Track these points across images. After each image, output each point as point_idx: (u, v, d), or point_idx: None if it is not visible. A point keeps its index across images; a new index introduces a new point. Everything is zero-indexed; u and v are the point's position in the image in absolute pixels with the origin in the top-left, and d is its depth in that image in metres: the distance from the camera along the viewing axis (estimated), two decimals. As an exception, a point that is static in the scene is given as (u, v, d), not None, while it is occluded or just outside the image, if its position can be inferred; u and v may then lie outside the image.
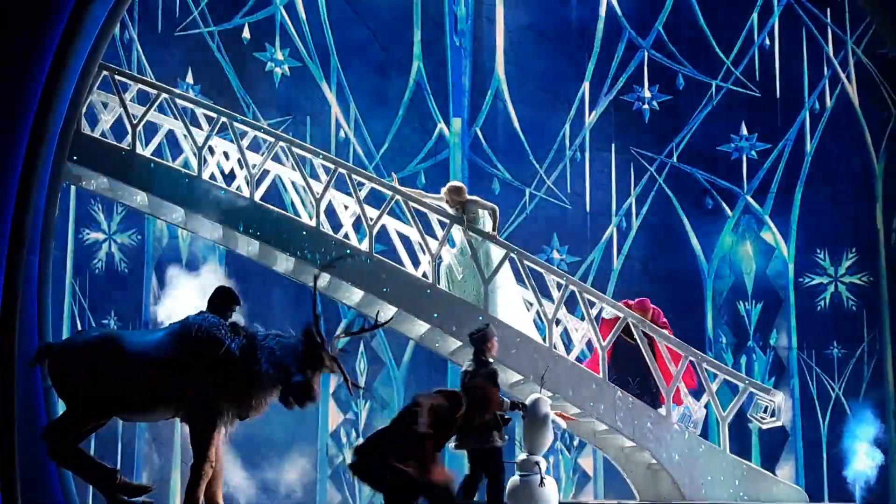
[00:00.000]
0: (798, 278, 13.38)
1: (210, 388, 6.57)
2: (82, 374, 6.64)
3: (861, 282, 13.33)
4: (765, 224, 13.55)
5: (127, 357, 6.65)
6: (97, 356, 6.66)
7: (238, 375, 6.61)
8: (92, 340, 6.75)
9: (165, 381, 6.62)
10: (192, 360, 6.59)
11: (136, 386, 6.66)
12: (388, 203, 9.83)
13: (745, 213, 13.59)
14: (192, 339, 6.60)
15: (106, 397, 6.67)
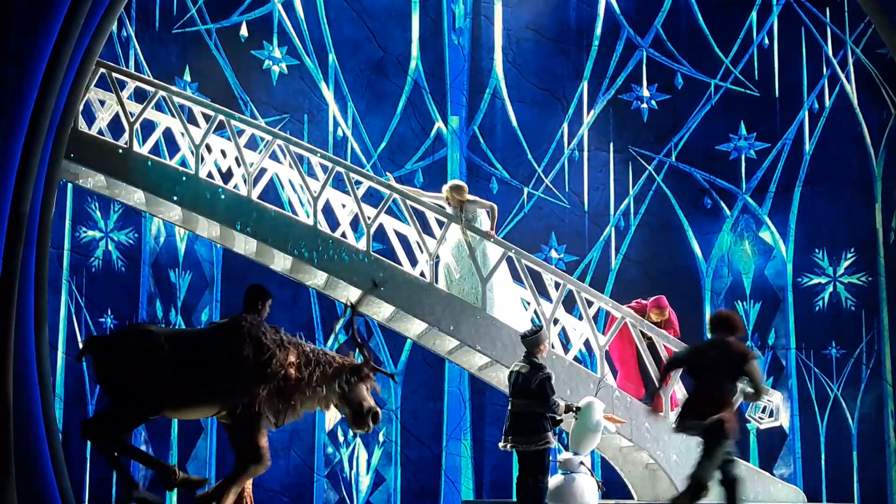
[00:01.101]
0: (796, 278, 13.36)
1: (253, 391, 6.62)
2: (125, 369, 6.65)
3: (860, 282, 13.31)
4: (763, 224, 13.53)
5: (170, 353, 6.67)
6: (141, 351, 6.66)
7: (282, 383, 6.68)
8: (136, 335, 6.76)
9: (208, 380, 6.67)
10: (236, 362, 6.64)
11: (179, 383, 6.68)
12: (385, 202, 9.81)
13: (744, 213, 13.57)
14: (238, 342, 6.65)
15: (147, 393, 6.65)
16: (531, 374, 7.65)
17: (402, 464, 12.87)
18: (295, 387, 6.73)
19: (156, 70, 12.65)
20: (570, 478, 7.99)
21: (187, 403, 6.78)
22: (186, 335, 6.96)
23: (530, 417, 7.61)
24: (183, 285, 12.75)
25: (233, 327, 6.76)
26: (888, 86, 13.43)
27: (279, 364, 6.67)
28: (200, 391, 6.69)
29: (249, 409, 6.64)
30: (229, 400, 6.66)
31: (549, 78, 13.71)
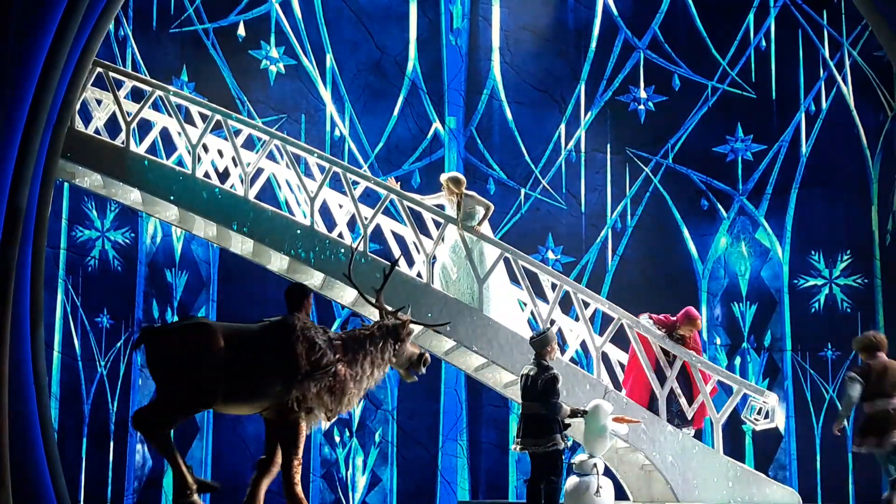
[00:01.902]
0: (793, 280, 13.38)
1: (304, 388, 6.77)
2: (181, 362, 6.69)
3: (856, 284, 13.33)
4: (760, 225, 13.54)
5: (222, 348, 6.71)
6: (193, 345, 6.70)
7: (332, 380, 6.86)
8: (193, 328, 6.79)
9: (261, 378, 6.77)
10: (289, 360, 6.77)
11: (232, 378, 6.75)
12: (382, 202, 9.80)
13: (741, 215, 13.59)
14: (290, 341, 6.80)
15: (201, 387, 6.71)
16: (538, 376, 7.65)
17: (399, 464, 12.87)
18: (346, 382, 6.92)
19: (153, 70, 12.65)
20: (584, 480, 8.03)
21: (238, 399, 6.88)
22: (240, 332, 6.96)
23: (539, 419, 7.67)
24: (179, 285, 12.74)
25: (285, 326, 6.89)
26: (885, 88, 13.46)
27: (329, 363, 6.84)
28: (253, 387, 6.81)
29: (300, 407, 6.80)
30: (281, 397, 6.79)
31: (547, 79, 13.72)
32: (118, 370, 12.30)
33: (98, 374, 12.25)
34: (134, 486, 12.18)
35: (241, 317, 12.65)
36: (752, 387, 9.48)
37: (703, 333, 13.37)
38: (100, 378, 12.26)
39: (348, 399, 6.98)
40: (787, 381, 13.24)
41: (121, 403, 12.25)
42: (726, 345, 13.42)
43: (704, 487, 8.91)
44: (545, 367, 7.79)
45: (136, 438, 12.27)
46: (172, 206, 9.74)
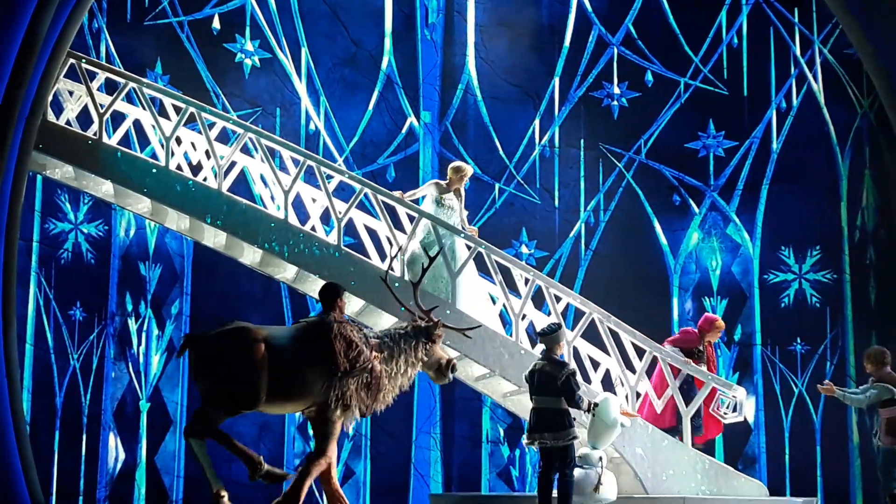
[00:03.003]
0: (763, 275, 13.52)
1: (344, 386, 6.96)
2: (226, 365, 6.86)
3: (825, 279, 13.49)
4: (731, 221, 13.68)
5: (265, 350, 6.89)
6: (237, 349, 6.87)
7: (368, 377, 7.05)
8: (232, 333, 6.97)
9: (303, 377, 6.94)
10: (329, 360, 6.96)
11: (275, 379, 6.89)
12: (356, 196, 9.82)
13: (712, 210, 13.72)
14: (329, 340, 6.98)
15: (244, 389, 6.85)
16: (557, 371, 7.74)
17: (372, 457, 12.91)
18: (381, 379, 7.12)
19: (127, 62, 12.59)
20: (589, 472, 8.12)
21: (281, 398, 7.03)
22: (279, 333, 7.14)
23: (558, 413, 7.72)
24: (153, 278, 12.72)
25: (323, 326, 7.07)
26: (855, 86, 13.62)
27: (367, 360, 7.04)
28: (295, 387, 6.97)
29: (339, 404, 6.97)
30: (321, 395, 6.96)
31: (521, 74, 13.78)
32: (91, 363, 12.26)
33: (71, 367, 12.21)
34: (106, 480, 12.16)
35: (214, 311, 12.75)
36: (720, 381, 9.58)
37: (675, 328, 13.51)
38: (72, 371, 12.22)
39: (383, 395, 7.19)
40: (757, 375, 13.38)
41: (93, 396, 12.22)
42: (697, 339, 13.52)
43: (673, 480, 9.01)
44: (560, 362, 7.90)
45: (108, 431, 12.25)
46: (145, 198, 9.72)
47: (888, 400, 8.79)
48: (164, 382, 12.54)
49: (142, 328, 12.59)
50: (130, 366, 12.46)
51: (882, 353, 9.06)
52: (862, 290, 13.40)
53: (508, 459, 13.22)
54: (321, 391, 6.95)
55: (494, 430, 13.24)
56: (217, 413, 6.92)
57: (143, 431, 12.40)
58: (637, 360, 9.37)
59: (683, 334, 9.72)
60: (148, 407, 12.44)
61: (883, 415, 8.89)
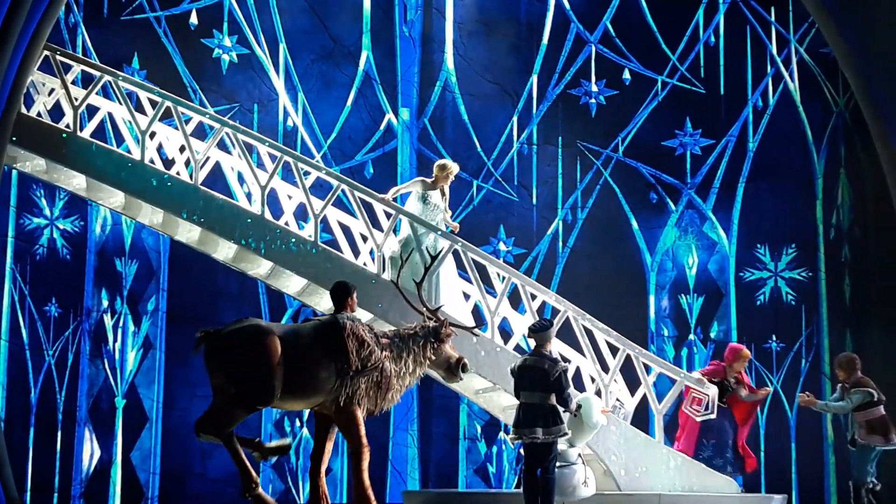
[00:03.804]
0: (739, 273, 13.60)
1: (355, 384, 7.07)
2: (238, 363, 6.91)
3: (800, 277, 13.57)
4: (707, 219, 13.74)
5: (279, 348, 6.94)
6: (253, 346, 6.90)
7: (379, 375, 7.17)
8: (247, 331, 6.99)
9: (315, 375, 7.01)
10: (340, 359, 7.06)
11: (288, 377, 6.95)
12: (333, 192, 9.80)
13: (689, 208, 13.78)
14: (341, 339, 7.07)
15: (259, 386, 6.90)
16: (550, 368, 7.73)
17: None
18: (391, 378, 7.22)
19: (104, 57, 12.51)
20: (568, 470, 8.12)
21: (295, 395, 7.10)
22: (293, 332, 7.21)
23: (548, 409, 7.73)
24: (129, 274, 12.66)
25: (335, 325, 7.14)
26: (830, 85, 13.70)
27: (378, 359, 7.13)
28: (309, 384, 7.05)
29: (349, 402, 7.08)
30: (333, 393, 7.06)
31: (499, 72, 13.80)
32: (66, 359, 12.20)
33: (46, 364, 12.14)
34: (81, 476, 12.11)
35: (190, 306, 12.72)
36: (692, 379, 9.63)
37: (651, 325, 13.57)
38: (47, 367, 12.15)
39: (392, 395, 7.31)
40: (733, 373, 13.44)
41: (68, 393, 12.15)
42: (673, 336, 13.60)
43: (646, 476, 9.04)
44: (552, 358, 7.89)
45: (83, 428, 12.19)
46: (117, 192, 9.65)
47: (866, 403, 9.00)
48: (140, 379, 12.49)
49: (117, 324, 12.54)
50: (106, 362, 12.41)
51: (853, 359, 9.28)
52: (837, 289, 13.50)
53: (486, 456, 13.24)
54: (333, 389, 7.04)
55: (472, 428, 13.26)
56: (235, 411, 6.97)
57: (118, 428, 12.34)
58: (611, 359, 9.40)
59: (712, 366, 9.72)
60: (124, 404, 12.39)
61: (860, 417, 9.10)
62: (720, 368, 9.63)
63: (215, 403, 7.07)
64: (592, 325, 9.49)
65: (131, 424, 12.39)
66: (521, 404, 7.86)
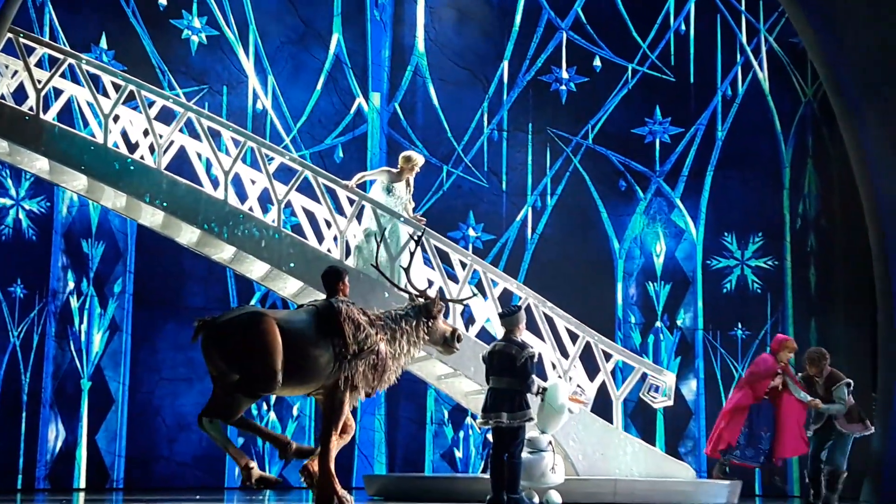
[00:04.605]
0: (706, 260, 13.67)
1: (353, 368, 7.08)
2: (237, 351, 6.88)
3: (766, 265, 13.66)
4: (675, 207, 13.80)
5: (278, 335, 6.93)
6: (252, 334, 6.89)
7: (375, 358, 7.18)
8: (246, 318, 6.96)
9: (313, 361, 7.01)
10: (337, 343, 7.07)
11: (287, 363, 6.94)
12: (297, 178, 9.79)
13: (657, 196, 13.83)
14: (337, 324, 7.07)
15: (261, 373, 6.88)
16: (517, 353, 7.80)
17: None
18: (387, 360, 7.26)
19: (72, 37, 12.42)
20: (537, 456, 8.17)
21: (295, 382, 7.08)
22: (291, 318, 7.18)
23: (513, 394, 7.78)
24: (95, 256, 12.60)
25: (331, 310, 7.15)
26: (799, 75, 13.76)
27: (374, 342, 7.15)
28: (308, 370, 7.04)
29: (347, 385, 7.08)
30: (331, 377, 7.06)
31: (470, 57, 13.78)
32: (31, 341, 12.14)
33: (11, 345, 12.09)
34: (46, 458, 12.08)
35: (158, 289, 12.69)
36: (651, 366, 9.70)
37: (619, 312, 13.64)
38: (12, 349, 12.10)
39: (388, 376, 7.32)
40: (699, 360, 13.55)
41: (34, 374, 12.11)
42: (640, 323, 13.68)
43: (604, 462, 9.12)
44: (521, 343, 7.93)
45: (48, 410, 12.16)
46: (81, 175, 9.61)
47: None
48: (106, 361, 12.46)
49: (84, 306, 12.49)
50: (72, 344, 12.37)
51: (823, 354, 9.11)
52: (802, 277, 13.60)
53: (452, 441, 13.30)
54: (331, 373, 7.06)
55: (439, 413, 13.31)
56: (238, 399, 6.92)
57: (83, 410, 12.32)
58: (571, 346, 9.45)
59: (762, 363, 9.31)
60: (89, 386, 12.36)
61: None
62: (770, 362, 9.26)
63: (217, 392, 7.06)
64: (553, 312, 9.53)
65: (97, 407, 12.37)
66: (489, 389, 7.93)
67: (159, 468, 12.47)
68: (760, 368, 9.18)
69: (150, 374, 12.57)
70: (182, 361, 12.46)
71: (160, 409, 12.57)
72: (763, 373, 9.12)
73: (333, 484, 7.05)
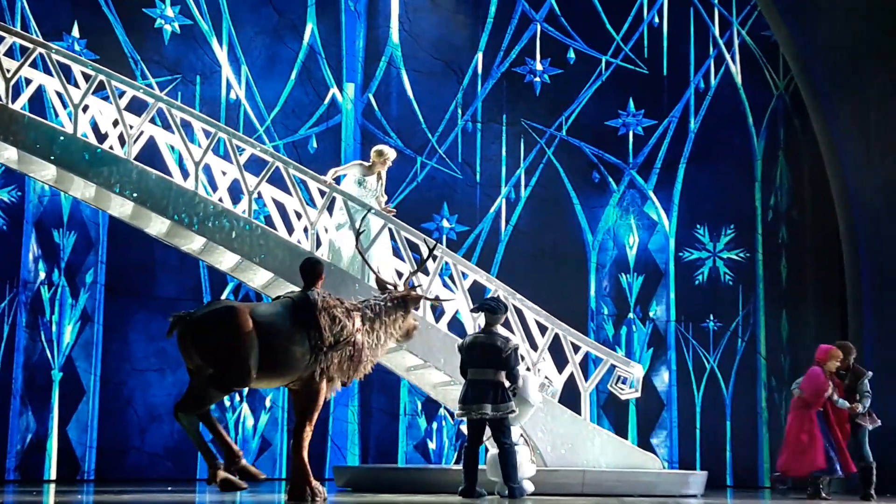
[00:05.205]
0: (678, 252, 13.74)
1: (329, 360, 7.06)
2: (213, 346, 6.86)
3: (738, 257, 13.74)
4: (648, 199, 13.85)
5: (253, 329, 6.91)
6: (227, 329, 6.87)
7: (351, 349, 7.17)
8: (221, 313, 6.94)
9: (289, 353, 6.98)
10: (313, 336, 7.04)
11: (263, 357, 6.92)
12: (268, 169, 9.76)
13: (630, 188, 13.88)
14: (313, 316, 7.06)
15: (237, 368, 6.86)
16: (503, 345, 7.83)
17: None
18: (363, 350, 7.26)
19: (43, 26, 12.33)
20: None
21: (272, 375, 7.06)
22: (266, 310, 7.15)
23: (496, 385, 7.81)
24: (67, 246, 12.54)
25: (307, 302, 7.14)
26: (771, 68, 13.83)
27: (349, 333, 7.12)
28: (284, 363, 7.02)
29: (322, 377, 7.07)
30: (308, 370, 7.04)
31: (445, 48, 13.78)
32: (2, 331, 12.06)
33: (-19, 336, 12.02)
34: (17, 449, 12.03)
35: (130, 280, 12.64)
36: (619, 358, 9.75)
37: (592, 303, 13.68)
38: (-17, 339, 12.03)
39: (364, 366, 7.32)
40: (671, 351, 13.63)
41: (4, 365, 12.02)
42: (613, 315, 13.74)
43: (572, 453, 9.16)
44: (504, 336, 7.95)
45: (19, 401, 12.10)
46: (49, 165, 9.53)
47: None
48: (78, 352, 12.41)
49: (55, 296, 12.43)
50: (43, 334, 12.30)
51: (849, 347, 9.32)
52: (773, 269, 13.70)
53: (426, 432, 13.33)
54: (307, 366, 7.04)
55: (412, 404, 13.34)
56: (209, 392, 6.92)
57: (54, 401, 12.26)
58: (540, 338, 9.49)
59: (814, 379, 9.15)
60: (60, 376, 12.30)
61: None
62: (818, 373, 9.16)
63: (194, 385, 7.06)
64: (522, 304, 9.56)
65: (68, 397, 12.32)
66: (469, 381, 7.92)
67: (131, 459, 12.44)
68: (814, 384, 9.12)
69: (122, 364, 12.52)
70: (154, 352, 12.43)
71: (132, 399, 12.53)
72: (818, 388, 9.08)
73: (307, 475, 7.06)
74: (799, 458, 9.02)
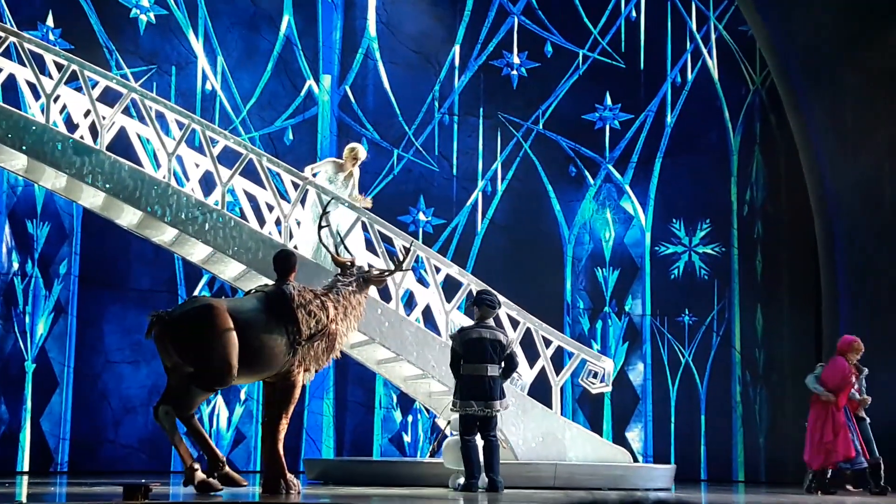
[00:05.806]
0: (654, 247, 13.77)
1: (306, 351, 7.11)
2: (192, 345, 6.84)
3: (713, 252, 13.78)
4: (625, 193, 13.87)
5: (231, 326, 6.89)
6: (206, 327, 6.85)
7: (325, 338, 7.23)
8: (199, 311, 6.92)
9: (267, 347, 6.99)
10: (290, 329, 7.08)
11: (242, 353, 6.91)
12: (241, 161, 9.71)
13: (606, 182, 13.90)
14: (288, 310, 7.09)
15: (218, 366, 6.84)
16: (505, 340, 7.88)
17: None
18: (336, 337, 7.31)
19: (17, 14, 12.22)
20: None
21: (251, 370, 7.06)
22: (243, 306, 7.14)
23: (497, 381, 7.85)
24: (41, 237, 12.45)
25: (282, 296, 7.15)
26: (748, 63, 13.86)
27: (324, 325, 7.16)
28: (263, 358, 7.03)
29: (299, 368, 7.12)
30: (286, 364, 7.06)
31: (422, 41, 13.74)
32: (-26, 323, 12.00)
33: (-47, 327, 11.94)
34: (-11, 441, 11.97)
35: (104, 271, 12.57)
36: (589, 352, 9.77)
37: (568, 297, 13.71)
38: (-45, 331, 11.95)
39: (337, 351, 7.38)
40: (646, 345, 13.67)
41: (-24, 357, 11.97)
42: (589, 309, 13.76)
43: (543, 447, 9.18)
44: (503, 331, 7.99)
45: (-9, 392, 12.03)
46: (20, 155, 9.45)
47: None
48: (51, 343, 12.33)
49: (28, 287, 12.34)
50: (16, 326, 12.22)
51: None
52: (749, 264, 13.75)
53: (401, 425, 13.33)
54: (286, 359, 7.07)
55: (388, 397, 13.33)
56: (193, 392, 6.90)
57: (27, 393, 12.18)
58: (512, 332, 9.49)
59: (839, 370, 9.15)
60: (33, 368, 12.23)
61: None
62: (842, 364, 9.17)
63: (172, 384, 7.01)
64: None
65: (41, 389, 12.24)
66: (471, 376, 7.87)
67: (104, 451, 12.39)
68: (839, 376, 9.12)
69: (96, 356, 12.46)
70: (128, 344, 12.37)
71: (105, 391, 12.47)
72: (843, 380, 9.09)
73: (281, 468, 7.05)
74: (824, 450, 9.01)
